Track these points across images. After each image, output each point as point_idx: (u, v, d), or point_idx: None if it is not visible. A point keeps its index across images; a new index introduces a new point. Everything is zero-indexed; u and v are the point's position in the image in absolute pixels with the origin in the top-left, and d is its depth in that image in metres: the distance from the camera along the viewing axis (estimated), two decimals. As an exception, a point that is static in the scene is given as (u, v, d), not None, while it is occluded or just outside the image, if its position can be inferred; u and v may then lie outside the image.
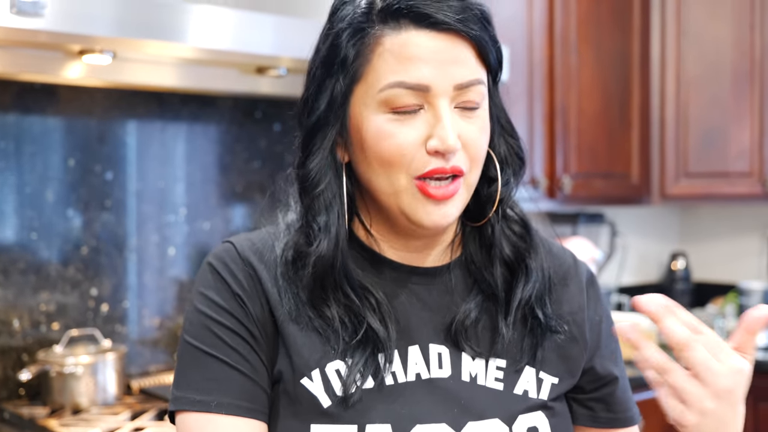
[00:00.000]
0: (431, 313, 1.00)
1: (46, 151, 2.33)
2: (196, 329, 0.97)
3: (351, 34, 0.93)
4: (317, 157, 0.97)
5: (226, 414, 0.93)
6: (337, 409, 0.93)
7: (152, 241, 2.51)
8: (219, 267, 0.98)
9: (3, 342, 2.27)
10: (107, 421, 2.07)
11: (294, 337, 0.95)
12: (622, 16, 3.22)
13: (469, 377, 0.98)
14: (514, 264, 1.02)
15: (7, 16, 1.66)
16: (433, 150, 0.92)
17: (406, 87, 0.91)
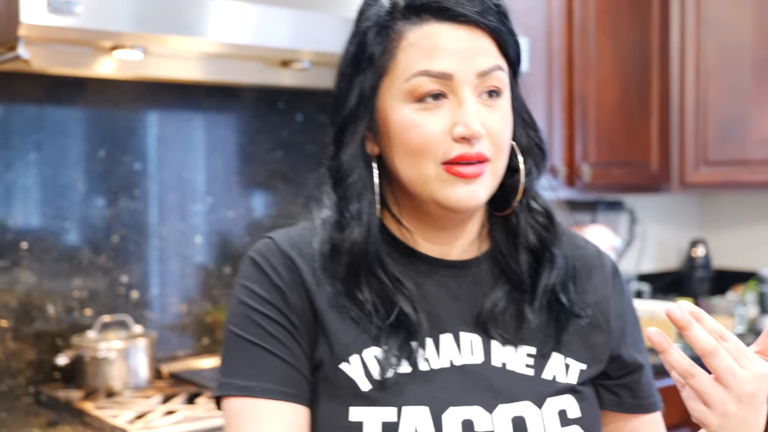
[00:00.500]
0: (461, 303, 1.05)
1: (77, 142, 2.40)
2: (239, 319, 1.02)
3: (376, 32, 0.99)
4: (349, 150, 1.02)
5: (270, 398, 0.98)
6: (375, 392, 0.97)
7: (179, 229, 2.58)
8: (260, 261, 1.04)
9: (38, 327, 2.35)
10: (140, 405, 2.14)
11: (333, 324, 1.00)
12: (641, 5, 3.24)
13: (500, 363, 1.02)
14: (539, 252, 1.06)
15: (44, 15, 1.73)
16: (459, 136, 0.96)
17: (430, 75, 0.96)
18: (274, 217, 2.75)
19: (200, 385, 2.32)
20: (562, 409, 1.02)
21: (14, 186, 2.31)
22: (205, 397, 2.21)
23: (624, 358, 1.10)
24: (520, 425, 0.98)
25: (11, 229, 2.31)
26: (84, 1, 1.77)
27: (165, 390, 2.29)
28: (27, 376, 2.34)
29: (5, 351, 2.30)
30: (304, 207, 2.82)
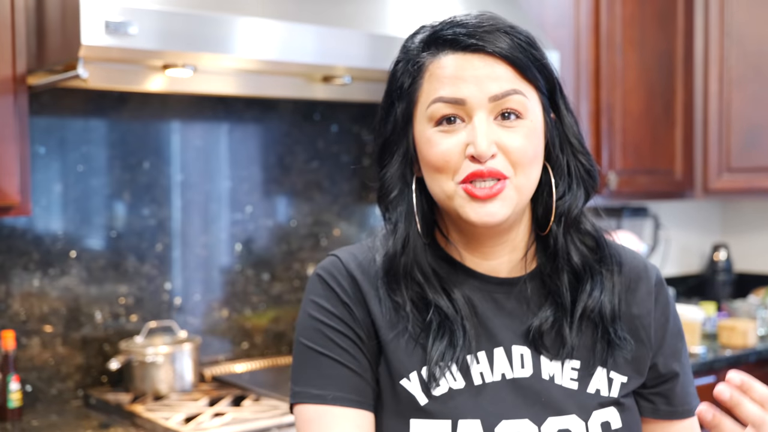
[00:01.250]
0: (511, 318, 1.11)
1: (123, 154, 2.49)
2: (309, 332, 1.10)
3: (405, 66, 1.10)
4: (389, 171, 1.12)
5: (341, 406, 1.06)
6: (432, 406, 1.05)
7: (221, 238, 2.67)
8: (327, 278, 1.11)
9: (86, 333, 2.44)
10: (188, 407, 2.23)
11: (392, 344, 1.08)
12: (666, 18, 3.31)
13: (548, 377, 1.08)
14: (581, 273, 1.11)
15: (102, 36, 1.82)
16: (469, 155, 1.03)
17: (444, 101, 1.04)
18: (310, 226, 2.84)
19: (243, 388, 2.41)
20: (605, 422, 1.08)
21: (64, 197, 2.40)
22: (250, 400, 2.29)
23: (659, 368, 1.15)
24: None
25: (60, 238, 2.40)
26: (138, 23, 1.86)
27: (210, 393, 2.38)
28: (75, 380, 2.43)
29: (55, 356, 2.40)
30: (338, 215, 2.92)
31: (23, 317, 2.34)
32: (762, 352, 3.17)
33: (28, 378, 2.34)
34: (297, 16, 2.15)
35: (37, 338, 2.37)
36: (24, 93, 2.00)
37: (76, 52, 1.82)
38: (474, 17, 1.08)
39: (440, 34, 1.07)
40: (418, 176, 1.11)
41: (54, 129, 2.38)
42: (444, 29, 1.07)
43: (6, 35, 1.96)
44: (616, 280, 1.13)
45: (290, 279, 2.80)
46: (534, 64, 1.07)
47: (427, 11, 2.43)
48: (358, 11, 2.29)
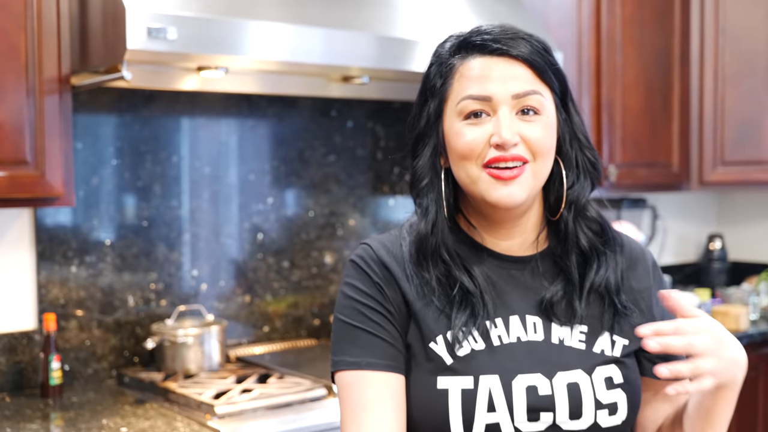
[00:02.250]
0: (525, 291, 1.28)
1: (154, 149, 2.65)
2: (346, 310, 1.26)
3: (437, 69, 1.27)
4: (420, 161, 1.28)
5: (373, 370, 1.22)
6: (457, 365, 1.22)
7: (245, 227, 2.83)
8: (361, 263, 1.28)
9: (120, 317, 2.61)
10: (218, 384, 2.39)
11: (421, 312, 1.25)
12: (664, 17, 3.47)
13: (558, 340, 1.25)
14: (588, 254, 1.29)
15: (145, 41, 1.98)
16: (494, 143, 1.20)
17: (473, 98, 1.21)
18: (327, 216, 3.00)
19: (267, 367, 2.58)
20: (608, 376, 1.25)
21: (99, 189, 2.57)
22: (275, 378, 2.46)
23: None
24: (574, 389, 1.22)
25: (96, 228, 2.56)
26: (175, 28, 2.02)
27: (237, 372, 2.54)
28: (110, 361, 2.60)
29: (91, 338, 2.56)
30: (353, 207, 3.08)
31: (62, 301, 2.51)
32: (754, 336, 3.34)
33: (66, 358, 2.50)
34: (316, 20, 2.30)
35: (74, 321, 2.53)
36: (68, 93, 2.16)
37: (122, 55, 1.98)
38: (498, 27, 1.25)
39: (469, 41, 1.24)
40: (445, 167, 1.28)
41: (90, 125, 2.54)
42: (472, 36, 1.24)
43: (52, 39, 2.12)
44: (619, 259, 1.31)
45: (308, 266, 2.97)
46: (549, 68, 1.24)
47: (435, 14, 2.58)
48: (371, 15, 2.45)
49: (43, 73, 2.10)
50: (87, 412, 2.24)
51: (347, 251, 3.05)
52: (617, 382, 1.25)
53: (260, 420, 2.16)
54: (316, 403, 2.28)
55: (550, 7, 3.15)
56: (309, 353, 2.80)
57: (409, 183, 1.31)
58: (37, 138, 2.11)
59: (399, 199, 3.16)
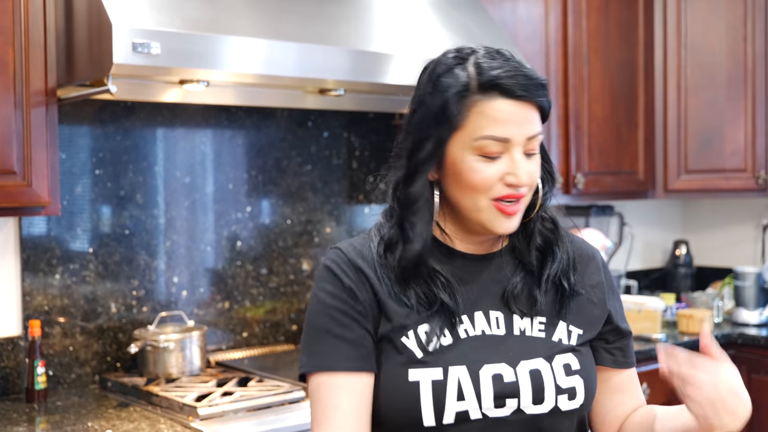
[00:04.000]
0: (488, 285, 1.38)
1: (136, 159, 2.72)
2: (317, 314, 1.34)
3: (457, 99, 1.28)
4: (418, 184, 1.33)
5: (342, 371, 1.30)
6: (427, 358, 1.31)
7: (223, 235, 2.91)
8: (333, 267, 1.35)
9: (103, 323, 2.67)
10: (200, 387, 2.46)
11: (392, 309, 1.33)
12: (628, 30, 3.59)
13: (519, 331, 1.36)
14: (545, 249, 1.41)
15: (130, 55, 2.05)
16: (510, 183, 1.30)
17: (494, 139, 1.28)
18: (304, 224, 3.08)
19: (247, 371, 2.65)
20: (566, 363, 1.35)
21: (82, 198, 2.63)
22: (255, 381, 2.53)
23: (619, 327, 1.46)
24: (537, 375, 1.32)
25: (79, 236, 2.63)
26: (159, 43, 2.09)
27: (217, 375, 2.61)
28: (93, 366, 2.66)
29: (74, 344, 2.62)
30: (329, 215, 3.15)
31: (46, 308, 2.57)
32: (717, 338, 3.45)
33: (50, 364, 2.56)
34: (294, 35, 2.38)
35: (58, 327, 2.59)
36: (54, 105, 2.22)
37: (108, 69, 2.05)
38: (523, 69, 1.29)
39: (498, 83, 1.27)
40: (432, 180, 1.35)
41: (73, 136, 2.61)
42: (501, 79, 1.27)
43: (39, 54, 2.19)
44: (570, 251, 1.43)
45: (286, 273, 3.05)
46: (548, 105, 1.34)
47: (407, 29, 2.68)
48: (346, 30, 2.53)
49: (30, 86, 2.17)
50: (72, 416, 2.30)
51: (324, 258, 3.13)
52: (574, 368, 1.36)
53: (241, 421, 2.23)
54: (295, 405, 2.36)
55: (519, 21, 3.26)
56: (287, 357, 2.88)
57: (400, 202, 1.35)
58: (24, 149, 2.17)
59: (374, 207, 3.25)
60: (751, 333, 3.48)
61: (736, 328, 3.58)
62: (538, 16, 3.30)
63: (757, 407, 1.51)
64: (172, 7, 2.17)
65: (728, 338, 3.49)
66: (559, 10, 3.35)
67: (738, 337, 3.48)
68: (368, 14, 2.62)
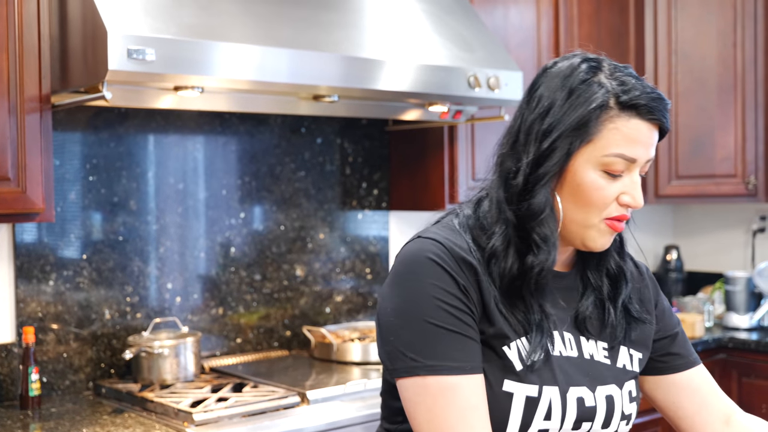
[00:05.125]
0: (563, 306, 1.37)
1: (129, 165, 2.73)
2: (436, 312, 1.24)
3: (596, 110, 1.26)
4: (542, 194, 1.29)
5: (476, 373, 1.25)
6: (524, 372, 1.27)
7: (217, 241, 2.91)
8: (442, 263, 1.26)
9: (96, 329, 2.67)
10: (194, 393, 2.47)
11: (495, 314, 1.28)
12: (619, 37, 3.62)
13: (588, 356, 1.35)
14: (617, 273, 1.40)
15: (125, 62, 2.06)
16: (625, 203, 1.30)
17: (624, 158, 1.28)
18: (298, 230, 3.09)
19: (241, 377, 2.65)
20: (630, 390, 1.38)
21: (75, 205, 2.63)
22: (249, 387, 2.54)
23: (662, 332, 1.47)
24: (611, 401, 1.33)
25: (73, 243, 2.63)
26: (153, 50, 2.10)
27: (212, 381, 2.62)
28: (87, 373, 2.66)
29: (68, 350, 2.62)
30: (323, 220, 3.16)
31: (40, 315, 2.57)
32: (708, 342, 3.48)
33: (44, 370, 2.56)
34: (288, 42, 2.39)
35: (52, 334, 2.59)
36: (48, 111, 2.23)
37: (103, 75, 2.06)
38: (653, 88, 1.29)
39: (639, 103, 1.26)
40: None
41: (67, 143, 2.61)
42: (642, 99, 1.26)
43: (34, 60, 2.19)
44: (634, 272, 1.45)
45: (279, 279, 3.05)
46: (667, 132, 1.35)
47: (401, 35, 2.69)
48: (339, 37, 2.54)
49: (24, 92, 2.17)
50: (66, 422, 2.30)
51: (317, 264, 3.14)
52: (634, 395, 1.39)
53: (236, 427, 2.24)
54: (290, 410, 2.37)
55: (511, 28, 3.28)
56: (281, 363, 2.88)
57: (523, 214, 1.30)
58: (18, 155, 2.18)
59: (367, 213, 3.25)
60: (741, 337, 3.50)
61: (727, 332, 3.60)
62: (530, 22, 3.32)
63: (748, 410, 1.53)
64: (166, 13, 2.18)
65: (719, 342, 3.51)
66: (550, 17, 3.37)
67: (729, 341, 3.50)
68: (361, 21, 2.63)
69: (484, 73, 2.75)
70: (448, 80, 2.69)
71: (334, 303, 3.21)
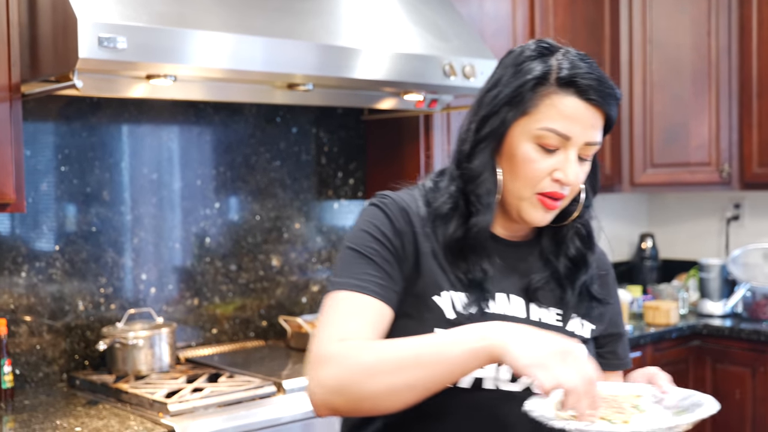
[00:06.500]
0: (512, 272, 1.41)
1: (102, 156, 2.70)
2: (362, 241, 1.34)
3: (534, 85, 1.31)
4: (480, 158, 1.35)
5: (373, 296, 1.30)
6: (456, 322, 1.30)
7: (192, 232, 2.89)
8: (385, 208, 1.36)
9: (70, 321, 2.65)
10: (169, 384, 2.45)
11: (429, 267, 1.35)
12: (594, 27, 3.62)
13: (537, 318, 1.39)
14: (577, 259, 1.43)
15: (96, 50, 2.04)
16: (557, 179, 1.32)
17: (556, 133, 1.31)
18: (273, 220, 3.08)
19: (217, 367, 2.64)
20: None
21: (47, 196, 2.61)
22: (225, 377, 2.53)
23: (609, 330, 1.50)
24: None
25: (45, 234, 2.60)
26: (125, 38, 2.08)
27: (187, 372, 2.60)
28: (60, 365, 2.64)
29: (41, 342, 2.60)
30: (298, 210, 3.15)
31: (12, 306, 2.54)
32: (683, 329, 3.50)
33: (16, 363, 2.54)
34: (262, 30, 2.37)
35: (24, 326, 2.56)
36: (18, 101, 2.19)
37: (73, 64, 2.03)
38: (600, 74, 1.32)
39: (577, 81, 1.29)
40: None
41: (38, 133, 2.58)
42: (579, 77, 1.29)
43: (3, 48, 2.16)
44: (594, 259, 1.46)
45: (255, 270, 3.04)
46: (615, 117, 1.36)
47: (376, 24, 2.68)
48: (314, 25, 2.53)
49: (-7, 81, 2.15)
50: (40, 414, 2.28)
51: (293, 254, 3.13)
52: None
53: (212, 417, 2.23)
54: (266, 400, 2.36)
55: (486, 17, 3.28)
56: (257, 353, 2.87)
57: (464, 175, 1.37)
58: (-12, 145, 2.15)
59: (343, 202, 3.25)
60: (715, 324, 3.53)
61: (701, 319, 3.63)
62: (506, 12, 3.32)
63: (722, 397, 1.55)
64: (138, 1, 2.15)
65: (693, 329, 3.53)
66: (526, 7, 3.36)
67: (703, 328, 3.53)
68: (336, 9, 2.62)
69: (459, 62, 2.75)
70: (424, 69, 2.68)
71: (311, 293, 3.20)
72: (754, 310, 3.58)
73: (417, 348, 1.20)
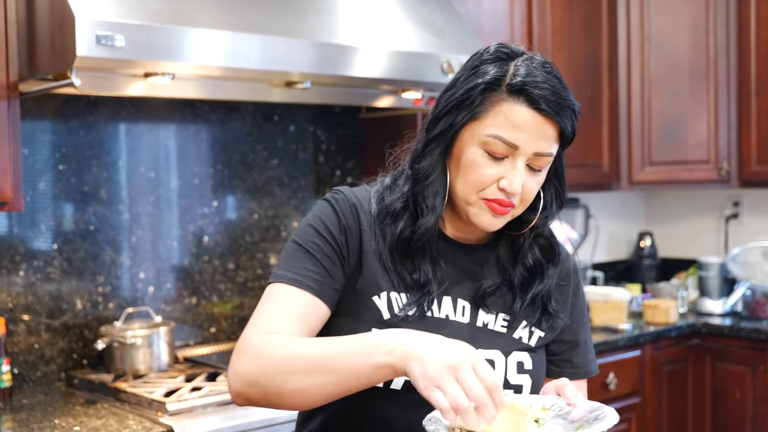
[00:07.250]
0: (462, 275, 1.40)
1: (100, 154, 2.70)
2: (306, 236, 1.34)
3: (483, 89, 1.29)
4: (429, 159, 1.34)
5: (308, 291, 1.30)
6: (392, 323, 1.32)
7: (190, 230, 2.89)
8: (335, 204, 1.36)
9: (68, 320, 2.64)
10: (168, 383, 2.45)
11: (372, 266, 1.35)
12: (592, 25, 3.62)
13: (482, 324, 1.38)
14: (534, 269, 1.40)
15: (94, 48, 2.03)
16: (502, 187, 1.30)
17: (503, 141, 1.28)
18: (271, 219, 3.07)
19: (215, 366, 2.64)
20: (520, 361, 1.38)
21: (45, 194, 2.60)
22: (224, 376, 2.52)
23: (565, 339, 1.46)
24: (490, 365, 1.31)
25: (43, 232, 2.60)
26: (123, 36, 2.07)
27: (185, 371, 2.60)
28: (58, 364, 2.63)
29: (39, 341, 2.59)
30: (296, 209, 3.14)
31: (10, 305, 2.53)
32: (682, 328, 3.50)
33: (15, 362, 2.53)
34: (259, 28, 2.37)
35: (23, 325, 2.56)
36: (16, 99, 2.19)
37: (71, 62, 2.03)
38: (554, 84, 1.28)
39: (527, 90, 1.26)
40: None
41: (36, 131, 2.58)
42: (529, 87, 1.27)
43: (1, 46, 2.15)
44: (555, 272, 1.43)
45: (253, 268, 3.04)
46: (572, 131, 1.32)
47: (373, 22, 2.68)
48: (312, 23, 2.53)
49: (-9, 80, 2.14)
50: (38, 413, 2.27)
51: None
52: (527, 367, 1.38)
53: (211, 416, 2.22)
54: (265, 398, 2.35)
55: (484, 16, 3.27)
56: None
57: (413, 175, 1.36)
58: (-15, 144, 2.14)
59: (341, 201, 3.23)
60: (715, 322, 3.53)
61: (701, 317, 3.63)
62: (503, 10, 3.32)
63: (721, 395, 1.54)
64: (135, -1, 2.15)
65: (693, 328, 3.53)
66: (523, 5, 3.36)
67: (702, 326, 3.53)
68: (334, 7, 2.62)
69: (456, 60, 2.75)
70: (421, 66, 2.68)
71: (309, 292, 3.18)
72: (753, 309, 3.58)
73: (329, 352, 1.19)
